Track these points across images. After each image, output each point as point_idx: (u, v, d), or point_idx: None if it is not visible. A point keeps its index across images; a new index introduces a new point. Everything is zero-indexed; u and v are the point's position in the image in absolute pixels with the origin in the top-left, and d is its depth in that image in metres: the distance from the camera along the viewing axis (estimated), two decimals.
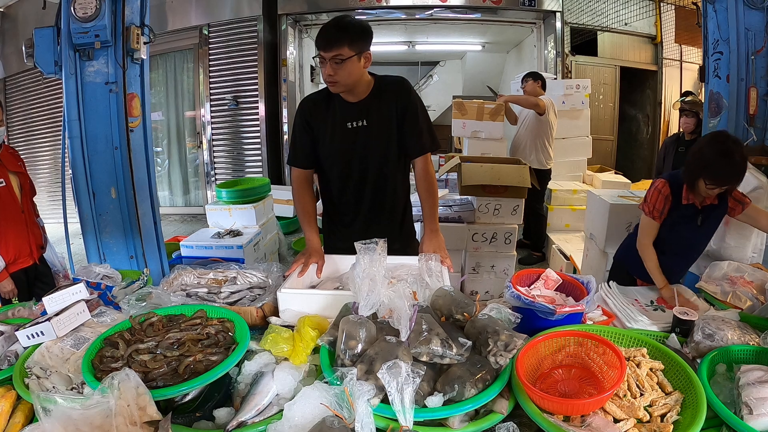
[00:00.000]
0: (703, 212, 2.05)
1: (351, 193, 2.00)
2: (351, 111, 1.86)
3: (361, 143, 1.89)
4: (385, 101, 1.86)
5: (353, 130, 1.88)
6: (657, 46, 6.93)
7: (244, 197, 4.35)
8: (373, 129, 1.87)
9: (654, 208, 2.07)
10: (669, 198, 2.05)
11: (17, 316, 1.63)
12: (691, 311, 1.47)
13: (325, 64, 1.73)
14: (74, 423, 0.93)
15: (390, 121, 1.88)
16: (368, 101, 1.86)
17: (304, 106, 1.94)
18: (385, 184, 1.97)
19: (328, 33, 1.71)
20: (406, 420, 0.93)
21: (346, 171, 1.95)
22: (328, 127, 1.89)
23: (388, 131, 1.89)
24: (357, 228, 1.99)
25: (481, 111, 4.58)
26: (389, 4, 6.35)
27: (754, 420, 1.00)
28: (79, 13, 2.69)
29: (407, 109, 1.88)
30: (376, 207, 2.00)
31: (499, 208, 3.49)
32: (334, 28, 1.72)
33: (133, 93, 2.94)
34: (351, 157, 1.92)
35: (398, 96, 1.87)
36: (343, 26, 1.72)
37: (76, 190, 2.93)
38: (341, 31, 1.70)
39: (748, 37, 2.52)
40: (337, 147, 1.91)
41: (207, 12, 6.48)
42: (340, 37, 1.69)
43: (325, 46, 1.71)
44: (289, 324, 1.43)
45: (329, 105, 1.88)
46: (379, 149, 1.91)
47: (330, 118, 1.88)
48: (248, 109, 6.61)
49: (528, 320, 1.31)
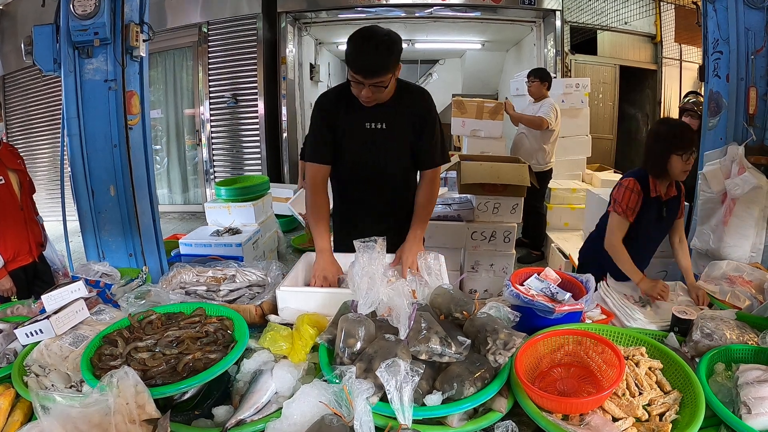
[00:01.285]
0: (667, 204, 2.11)
1: (363, 194, 1.99)
2: (371, 112, 1.82)
3: (377, 145, 1.87)
4: (405, 108, 1.84)
5: (371, 131, 1.85)
6: (657, 45, 6.92)
7: (243, 195, 4.34)
8: (391, 133, 1.86)
9: (627, 207, 2.08)
10: (640, 194, 2.08)
11: (16, 314, 1.63)
12: (690, 310, 1.47)
13: (361, 87, 1.67)
14: (73, 421, 0.93)
15: (407, 128, 1.86)
16: (389, 105, 1.82)
17: (323, 102, 1.90)
18: (398, 187, 1.97)
19: (370, 62, 1.62)
20: (405, 418, 0.93)
21: (361, 171, 1.94)
22: (347, 125, 1.86)
23: (405, 137, 1.87)
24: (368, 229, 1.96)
25: (480, 109, 4.57)
26: (389, 3, 6.35)
27: (752, 419, 1.00)
28: (78, 11, 2.68)
29: (426, 121, 1.86)
30: (388, 209, 2.00)
31: (498, 207, 3.48)
32: (374, 54, 1.62)
33: (132, 91, 2.93)
34: (366, 158, 1.90)
35: (419, 106, 1.86)
36: (384, 52, 1.62)
37: (75, 187, 2.93)
38: (383, 58, 1.62)
39: (748, 36, 2.52)
40: (354, 146, 1.89)
41: (206, 10, 6.46)
42: (383, 65, 1.63)
43: (365, 75, 1.63)
44: (287, 322, 1.43)
45: (349, 103, 1.83)
46: (394, 153, 1.90)
47: (349, 116, 1.85)
48: (247, 107, 6.60)
49: (527, 319, 1.32)
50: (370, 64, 1.62)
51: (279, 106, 6.78)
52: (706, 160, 2.70)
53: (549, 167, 4.55)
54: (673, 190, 2.12)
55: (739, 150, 2.48)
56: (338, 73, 9.55)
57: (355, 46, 1.64)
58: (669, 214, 2.14)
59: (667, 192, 2.11)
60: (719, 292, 1.82)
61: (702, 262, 2.54)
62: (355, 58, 1.64)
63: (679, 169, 2.00)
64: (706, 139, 2.84)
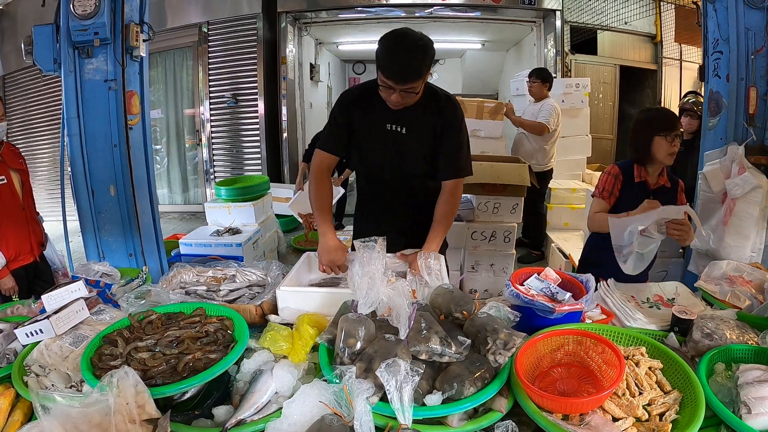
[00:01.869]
0: (655, 193, 2.09)
1: (382, 194, 1.97)
2: (392, 114, 1.78)
3: (396, 148, 1.83)
4: (428, 113, 1.78)
5: (391, 133, 1.81)
6: (657, 45, 6.93)
7: (243, 195, 4.35)
8: (410, 137, 1.81)
9: (603, 189, 2.11)
10: (619, 177, 2.09)
11: (16, 313, 1.63)
12: (689, 310, 1.47)
13: (391, 92, 1.62)
14: (73, 421, 0.93)
15: (427, 134, 1.80)
16: (413, 109, 1.76)
17: (345, 98, 1.87)
18: (417, 192, 1.93)
19: (403, 67, 1.56)
20: (405, 418, 0.93)
21: (380, 172, 1.91)
22: (367, 125, 1.83)
23: (426, 143, 1.82)
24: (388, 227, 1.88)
25: (480, 109, 4.56)
26: (389, 3, 6.35)
27: (752, 419, 1.00)
28: (78, 11, 2.68)
29: (451, 126, 1.80)
30: (408, 212, 1.96)
31: (498, 207, 3.48)
32: (407, 59, 1.56)
33: (132, 91, 2.94)
34: (385, 159, 1.87)
35: (443, 112, 1.79)
36: (418, 57, 1.56)
37: (75, 187, 2.93)
38: (417, 64, 1.56)
39: (748, 36, 2.52)
40: (373, 147, 1.87)
41: (206, 9, 6.47)
42: (417, 72, 1.57)
43: (397, 80, 1.57)
44: (288, 322, 1.43)
45: (372, 102, 1.79)
46: (413, 158, 1.85)
47: (370, 115, 1.82)
48: (247, 107, 6.60)
49: (527, 318, 1.32)
50: (403, 70, 1.57)
51: (279, 106, 6.79)
52: (706, 160, 2.70)
53: (549, 167, 4.55)
54: (664, 179, 2.11)
55: (739, 150, 2.48)
56: (338, 73, 9.56)
57: (388, 50, 1.57)
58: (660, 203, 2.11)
59: (657, 181, 2.11)
60: (719, 292, 1.82)
61: (702, 262, 2.54)
62: (387, 62, 1.57)
63: (665, 150, 1.99)
64: (706, 139, 2.84)
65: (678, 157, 3.86)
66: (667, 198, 2.11)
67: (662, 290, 1.87)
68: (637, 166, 2.10)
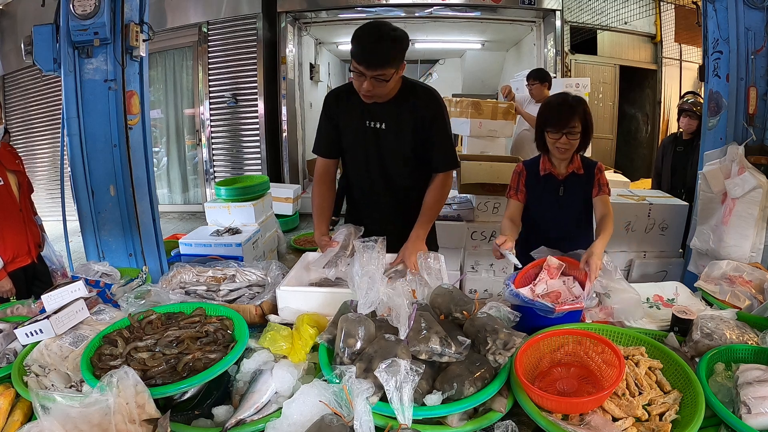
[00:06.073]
0: (565, 182, 2.06)
1: (369, 190, 2.01)
2: (371, 110, 1.83)
3: (377, 144, 1.88)
4: (408, 108, 1.82)
5: (372, 129, 1.86)
6: (657, 45, 6.92)
7: (243, 195, 4.34)
8: (390, 133, 1.85)
9: (510, 188, 2.13)
10: (522, 173, 2.10)
11: (16, 314, 1.63)
12: (689, 310, 1.47)
13: (362, 79, 1.66)
14: (73, 421, 0.93)
15: (408, 129, 1.84)
16: (391, 105, 1.82)
17: (328, 99, 1.94)
18: (400, 188, 1.97)
19: (373, 52, 1.62)
20: (404, 418, 0.93)
21: (362, 169, 1.96)
22: (349, 122, 1.89)
23: (406, 138, 1.86)
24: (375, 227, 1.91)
25: (495, 110, 4.57)
26: (389, 2, 6.35)
27: (752, 419, 1.00)
28: (78, 11, 2.68)
29: (435, 119, 1.84)
30: (393, 209, 2.00)
31: (498, 207, 3.48)
32: (377, 45, 1.61)
33: (132, 90, 2.93)
34: (368, 156, 1.92)
35: (424, 106, 1.83)
36: (388, 44, 1.61)
37: (74, 187, 2.92)
38: (387, 51, 1.61)
39: (748, 36, 2.52)
40: (355, 143, 1.91)
41: (206, 9, 6.46)
42: (386, 58, 1.61)
43: (368, 66, 1.62)
44: (287, 322, 1.43)
45: (352, 100, 1.84)
46: (394, 154, 1.90)
47: (351, 113, 1.87)
48: (247, 106, 6.60)
49: (527, 318, 1.32)
50: (372, 56, 1.62)
51: (279, 106, 6.78)
52: (706, 160, 2.70)
53: None
54: (576, 166, 2.04)
55: (739, 150, 2.48)
56: (338, 73, 9.55)
57: (359, 36, 1.64)
58: (570, 191, 2.07)
59: (565, 171, 2.05)
60: (719, 292, 1.82)
61: (702, 262, 2.54)
62: (358, 47, 1.63)
63: (551, 144, 1.98)
64: (706, 139, 2.84)
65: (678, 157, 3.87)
66: (579, 184, 2.06)
67: (662, 290, 1.87)
68: (544, 158, 2.08)
